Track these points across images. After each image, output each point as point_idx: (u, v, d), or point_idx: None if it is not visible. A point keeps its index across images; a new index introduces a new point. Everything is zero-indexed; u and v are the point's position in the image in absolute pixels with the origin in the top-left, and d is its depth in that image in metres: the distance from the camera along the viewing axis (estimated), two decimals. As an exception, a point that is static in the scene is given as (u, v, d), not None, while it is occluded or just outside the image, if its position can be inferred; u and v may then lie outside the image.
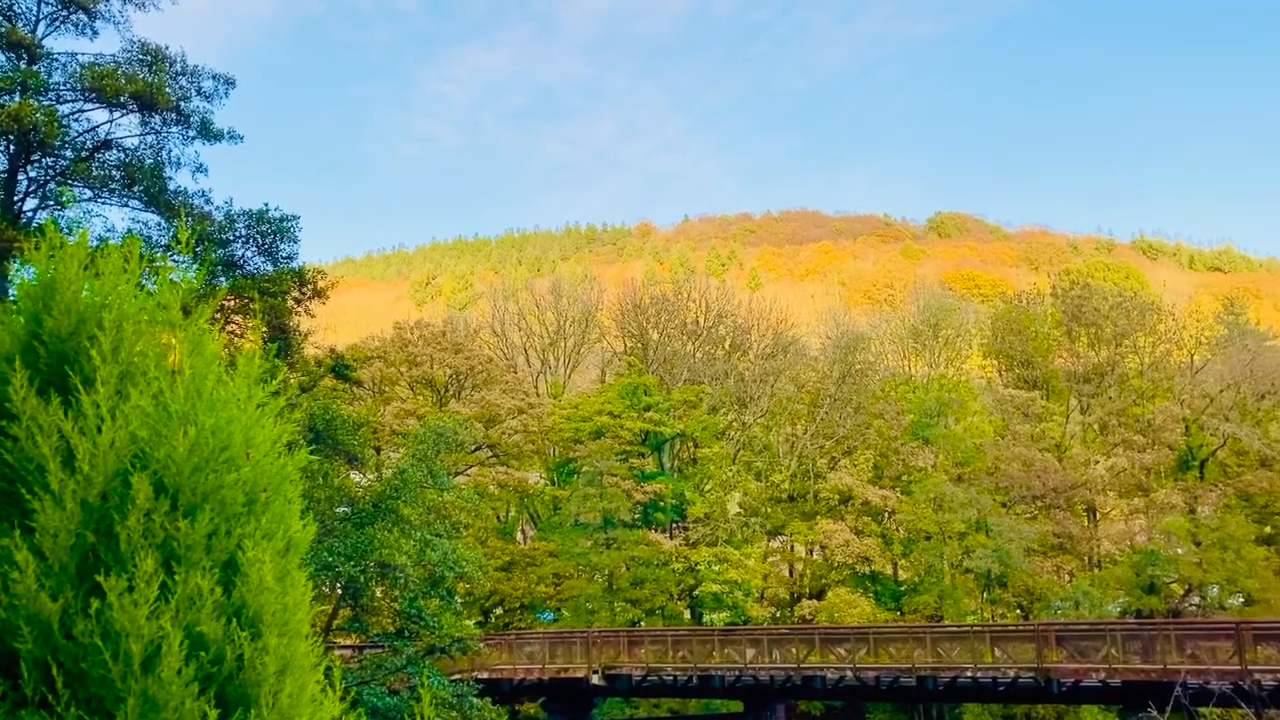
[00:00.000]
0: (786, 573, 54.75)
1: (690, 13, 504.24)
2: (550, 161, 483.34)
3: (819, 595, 51.63)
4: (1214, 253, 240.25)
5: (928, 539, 50.63)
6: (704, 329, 63.22)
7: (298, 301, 27.60)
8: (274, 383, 2.99)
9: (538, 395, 60.09)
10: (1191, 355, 59.81)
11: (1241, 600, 49.03)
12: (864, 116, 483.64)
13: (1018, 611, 51.09)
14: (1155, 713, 25.96)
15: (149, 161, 25.13)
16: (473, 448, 50.70)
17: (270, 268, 26.13)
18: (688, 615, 53.13)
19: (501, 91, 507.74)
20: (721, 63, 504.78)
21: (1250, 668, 27.26)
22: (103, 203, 25.45)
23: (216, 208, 25.61)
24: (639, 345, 62.81)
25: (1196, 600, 50.65)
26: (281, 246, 25.47)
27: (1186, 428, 56.04)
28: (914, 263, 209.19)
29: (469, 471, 51.96)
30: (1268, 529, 53.24)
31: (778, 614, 51.92)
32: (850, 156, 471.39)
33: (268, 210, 25.45)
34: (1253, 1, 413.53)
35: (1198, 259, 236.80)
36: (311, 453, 3.01)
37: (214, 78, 25.61)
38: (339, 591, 27.42)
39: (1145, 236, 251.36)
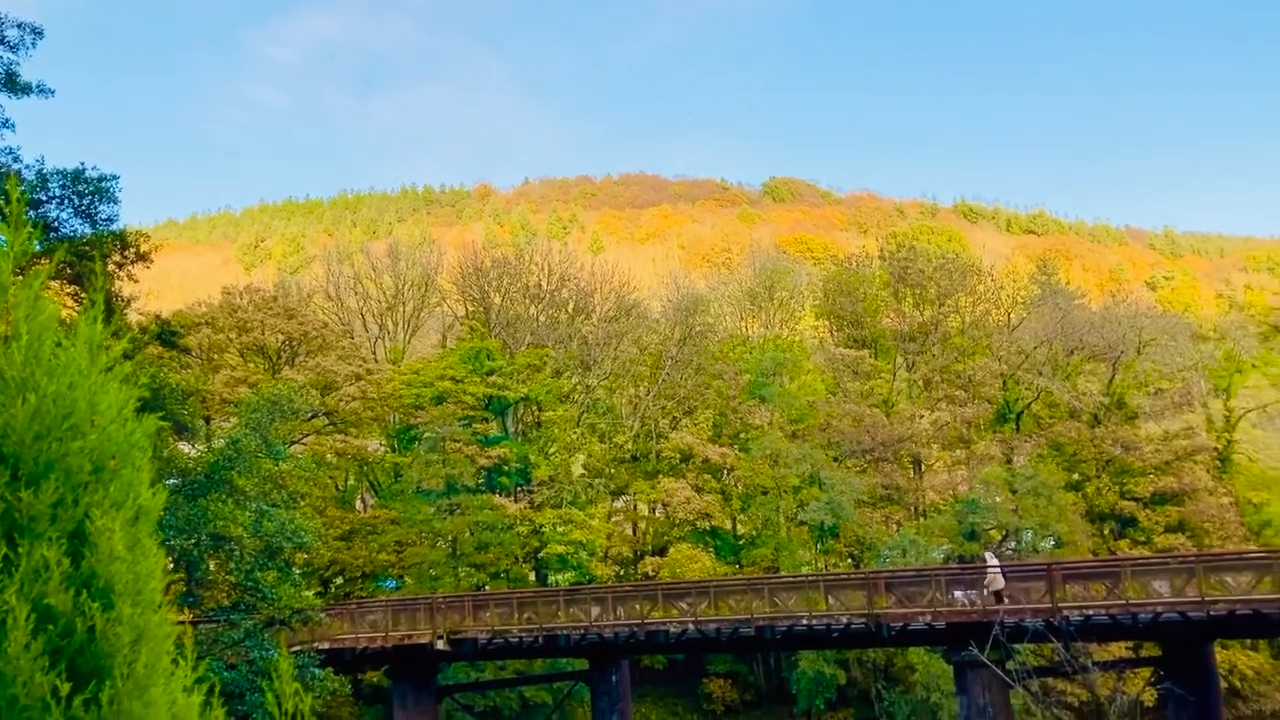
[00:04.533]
0: (630, 531, 55.61)
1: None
2: (386, 128, 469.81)
3: (661, 552, 52.63)
4: (1029, 216, 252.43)
5: (764, 494, 52.19)
6: (547, 292, 63.06)
7: (119, 265, 26.24)
8: (118, 346, 2.91)
9: (376, 361, 58.91)
10: (1008, 314, 63.18)
11: (1053, 543, 52.37)
12: (700, 87, 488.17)
13: (849, 561, 53.31)
14: (977, 650, 27.66)
15: (-53, 116, 23.34)
16: (309, 415, 49.42)
17: (89, 230, 24.69)
18: (533, 577, 53.38)
19: (335, 57, 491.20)
20: (559, 33, 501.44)
21: (1060, 605, 29.22)
22: (-106, 159, 23.52)
23: (26, 166, 23.91)
24: (481, 309, 62.22)
25: (1013, 544, 53.82)
26: (101, 208, 24.06)
27: (1004, 383, 59.30)
28: (750, 226, 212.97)
29: (305, 440, 50.69)
30: (1075, 476, 56.90)
31: (622, 572, 52.72)
32: (687, 125, 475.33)
33: (84, 170, 23.97)
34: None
35: (1014, 222, 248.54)
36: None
37: (19, 26, 23.75)
38: (170, 565, 26.43)
39: (966, 200, 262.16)
